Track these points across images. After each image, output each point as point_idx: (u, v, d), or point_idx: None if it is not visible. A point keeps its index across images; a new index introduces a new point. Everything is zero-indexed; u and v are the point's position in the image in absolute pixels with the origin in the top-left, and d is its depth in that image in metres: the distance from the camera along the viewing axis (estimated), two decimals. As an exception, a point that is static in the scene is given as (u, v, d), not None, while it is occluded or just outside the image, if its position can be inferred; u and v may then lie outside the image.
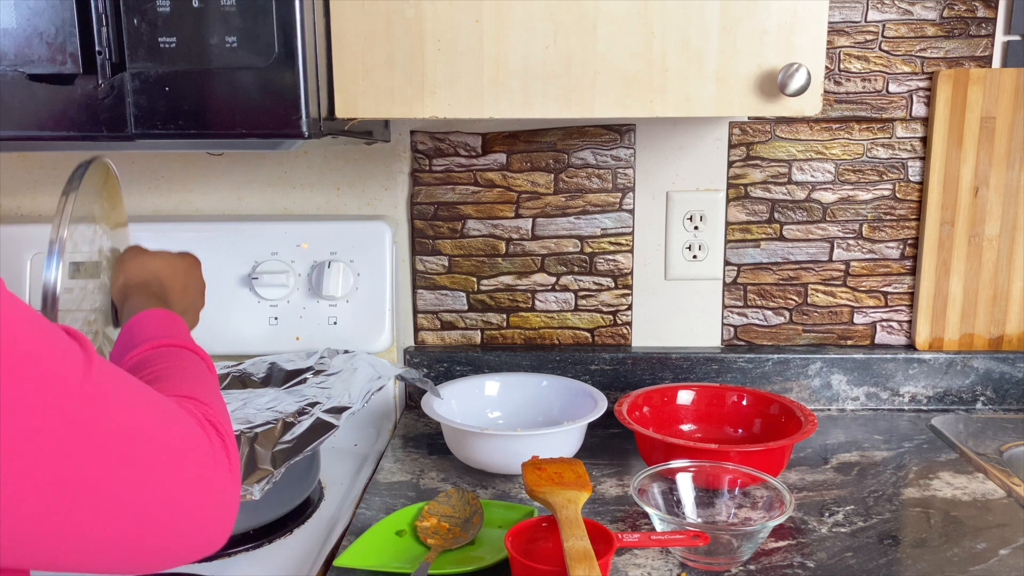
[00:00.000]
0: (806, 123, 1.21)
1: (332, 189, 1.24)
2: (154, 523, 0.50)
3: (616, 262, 1.25)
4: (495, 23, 0.84)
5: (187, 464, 0.52)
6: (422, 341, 1.28)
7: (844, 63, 1.19)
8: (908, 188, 1.22)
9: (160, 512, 0.50)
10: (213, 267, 1.16)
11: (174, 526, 0.52)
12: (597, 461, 1.08)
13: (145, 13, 0.77)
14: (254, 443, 0.86)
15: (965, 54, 1.19)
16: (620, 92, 0.85)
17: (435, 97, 0.86)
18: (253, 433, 0.86)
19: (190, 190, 1.25)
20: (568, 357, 1.25)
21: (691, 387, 1.13)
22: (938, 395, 1.25)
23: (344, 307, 1.16)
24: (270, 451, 0.87)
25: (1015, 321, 1.23)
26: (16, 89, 0.79)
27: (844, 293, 1.26)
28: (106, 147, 0.88)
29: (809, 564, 0.83)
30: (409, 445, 1.15)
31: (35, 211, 1.26)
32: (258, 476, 0.85)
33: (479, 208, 1.24)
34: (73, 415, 0.45)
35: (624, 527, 0.91)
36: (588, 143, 1.22)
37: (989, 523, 0.91)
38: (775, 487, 0.87)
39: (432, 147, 1.22)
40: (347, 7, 0.84)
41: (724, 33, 0.84)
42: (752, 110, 0.86)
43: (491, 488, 1.01)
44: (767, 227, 1.24)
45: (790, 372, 1.24)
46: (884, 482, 1.01)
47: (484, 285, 1.26)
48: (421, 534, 0.88)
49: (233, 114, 0.79)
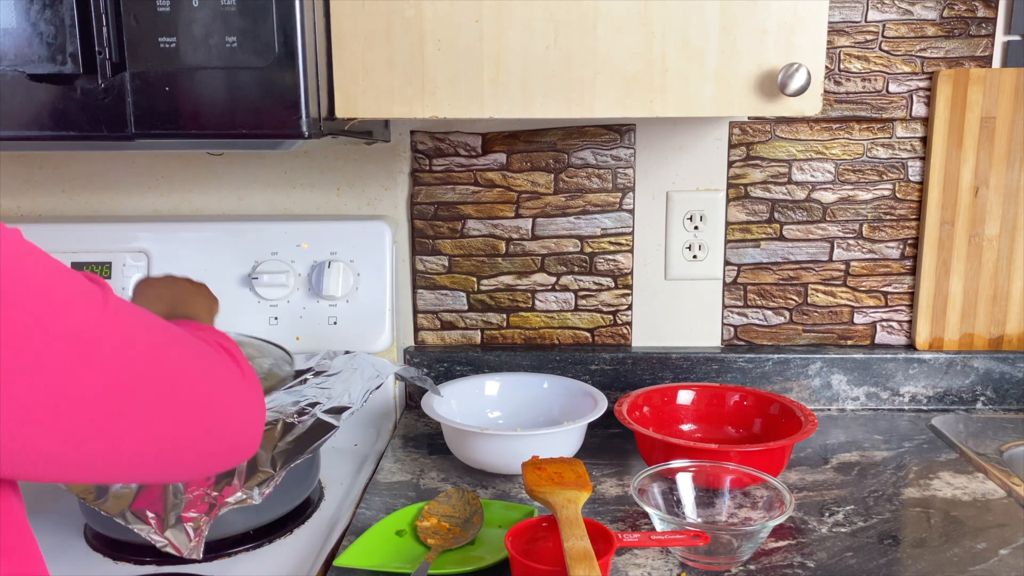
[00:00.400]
0: (806, 123, 1.21)
1: (332, 189, 1.24)
2: (197, 428, 0.56)
3: (616, 262, 1.25)
4: (495, 23, 0.84)
5: (216, 374, 0.59)
6: (422, 341, 1.28)
7: (844, 63, 1.19)
8: (908, 188, 1.22)
9: (201, 417, 0.57)
10: (213, 267, 1.16)
11: (215, 431, 0.58)
12: (597, 461, 1.08)
13: (145, 13, 0.77)
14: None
15: (965, 54, 1.19)
16: (620, 92, 0.85)
17: (435, 97, 0.86)
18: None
19: (190, 190, 1.25)
20: (568, 357, 1.25)
21: (691, 387, 1.13)
22: (938, 395, 1.25)
23: (344, 307, 1.16)
24: (270, 453, 0.87)
25: (1015, 321, 1.23)
26: (16, 89, 0.79)
27: (844, 293, 1.26)
28: (106, 147, 0.88)
29: (809, 564, 0.83)
30: (409, 445, 1.15)
31: (35, 211, 1.26)
32: (259, 479, 0.85)
33: (479, 208, 1.24)
34: (106, 330, 0.49)
35: (624, 527, 0.91)
36: (588, 143, 1.22)
37: (989, 523, 0.91)
38: (775, 487, 0.87)
39: (432, 147, 1.22)
40: (347, 7, 0.84)
41: (724, 33, 0.84)
42: (752, 110, 0.86)
43: (491, 488, 1.01)
44: (767, 227, 1.24)
45: (790, 372, 1.24)
46: (884, 482, 1.01)
47: (484, 285, 1.26)
48: (421, 534, 0.88)
49: (233, 114, 0.79)
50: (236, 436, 0.61)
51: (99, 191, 1.25)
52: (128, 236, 1.17)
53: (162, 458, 0.55)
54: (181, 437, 0.55)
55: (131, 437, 0.51)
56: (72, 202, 1.25)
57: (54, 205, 1.26)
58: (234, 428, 0.60)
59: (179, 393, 0.55)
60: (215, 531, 0.89)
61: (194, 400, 0.56)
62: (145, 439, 0.52)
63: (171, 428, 0.54)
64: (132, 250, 1.17)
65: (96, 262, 1.16)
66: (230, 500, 0.83)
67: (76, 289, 0.49)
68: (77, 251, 1.16)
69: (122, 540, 0.90)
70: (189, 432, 0.56)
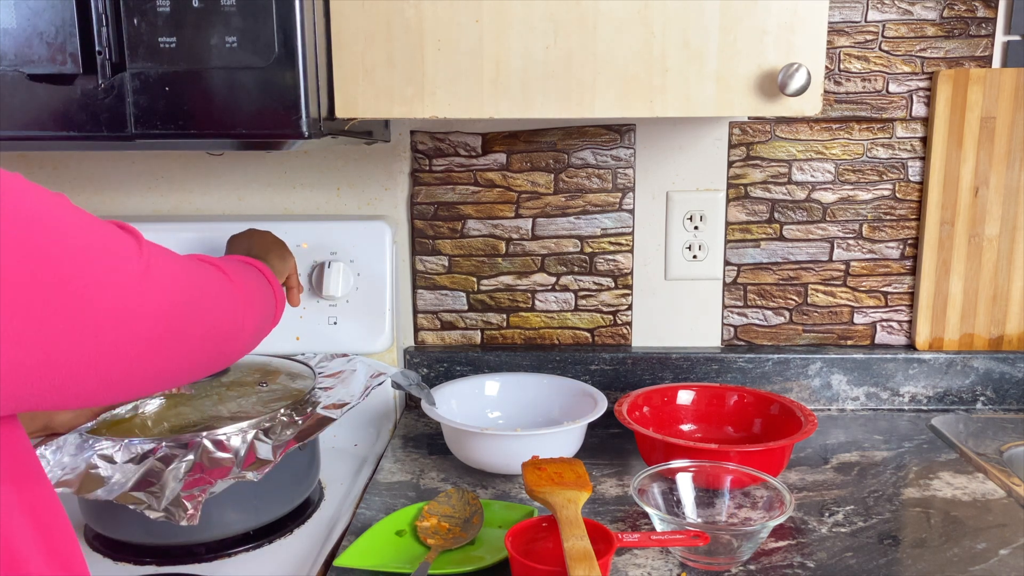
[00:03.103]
0: (806, 123, 1.21)
1: (332, 189, 1.24)
2: (205, 354, 0.65)
3: (616, 262, 1.25)
4: (495, 23, 0.84)
5: (222, 299, 0.67)
6: (422, 341, 1.28)
7: (844, 63, 1.19)
8: (908, 188, 1.22)
9: (209, 343, 0.65)
10: (213, 267, 1.16)
11: (221, 355, 0.69)
12: (597, 461, 1.08)
13: (145, 13, 0.77)
14: (255, 439, 0.86)
15: (965, 54, 1.19)
16: (620, 92, 0.85)
17: (435, 97, 0.86)
18: (253, 430, 0.86)
19: (190, 190, 1.24)
20: (568, 357, 1.25)
21: (691, 387, 1.13)
22: (938, 395, 1.25)
23: (344, 307, 1.16)
24: (270, 445, 0.87)
25: (1015, 321, 1.23)
26: (16, 89, 0.79)
27: (844, 293, 1.26)
28: (106, 147, 0.88)
29: (809, 564, 0.83)
30: (409, 445, 1.15)
31: (35, 211, 1.26)
32: (256, 467, 0.85)
33: (479, 208, 1.24)
34: (144, 282, 0.54)
35: (624, 527, 0.91)
36: (588, 143, 1.22)
37: (989, 523, 0.91)
38: (775, 487, 0.87)
39: (432, 147, 1.22)
40: (347, 7, 0.84)
41: (724, 33, 0.84)
42: (752, 110, 0.86)
43: (491, 488, 1.01)
44: (767, 227, 1.24)
45: (790, 372, 1.24)
46: (884, 482, 1.01)
47: (484, 285, 1.26)
48: (421, 534, 0.88)
49: (233, 114, 0.79)
50: (231, 352, 0.71)
51: (99, 191, 1.25)
52: (128, 236, 1.17)
53: (168, 378, 0.61)
54: (191, 364, 0.63)
55: (149, 368, 0.57)
56: (72, 202, 1.25)
57: (54, 205, 1.25)
58: (232, 348, 0.71)
59: (197, 331, 0.61)
60: (215, 531, 0.89)
61: (206, 333, 0.63)
62: (161, 369, 0.58)
63: (186, 359, 0.61)
64: (132, 250, 1.16)
65: (96, 262, 1.16)
66: (228, 476, 0.83)
67: (110, 241, 0.53)
68: (77, 251, 1.16)
69: (122, 540, 0.90)
70: (199, 359, 0.63)
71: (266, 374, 1.01)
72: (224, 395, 0.94)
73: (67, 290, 0.48)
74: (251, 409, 0.90)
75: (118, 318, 0.52)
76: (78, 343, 0.49)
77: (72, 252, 0.49)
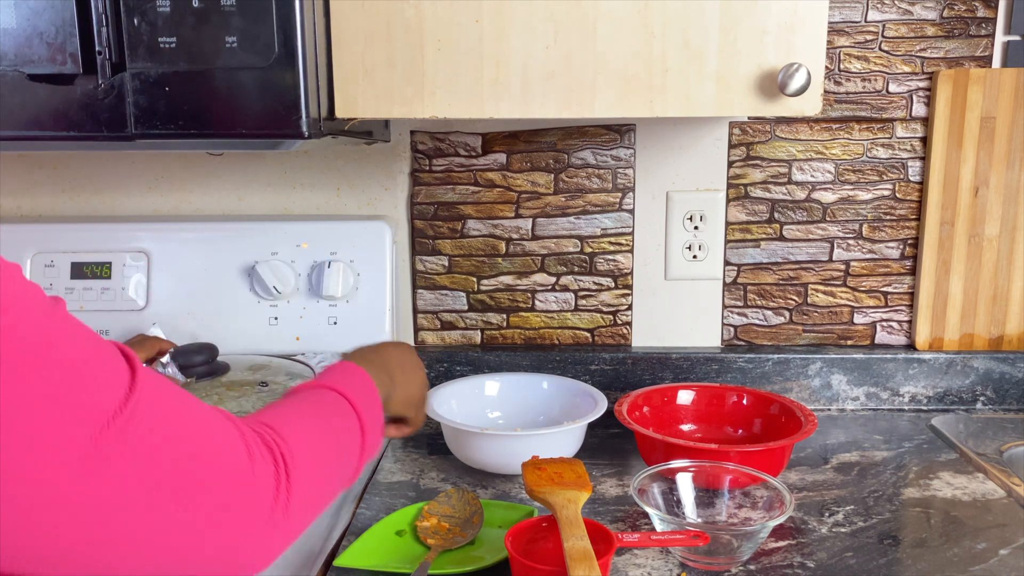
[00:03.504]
0: (806, 123, 1.21)
1: (332, 189, 1.24)
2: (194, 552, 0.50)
3: (616, 262, 1.25)
4: (495, 23, 0.84)
5: (223, 495, 0.51)
6: (422, 341, 1.28)
7: (844, 63, 1.19)
8: (908, 188, 1.22)
9: (203, 537, 0.50)
10: (213, 267, 1.16)
11: (212, 560, 0.51)
12: (597, 461, 1.08)
13: (145, 13, 0.77)
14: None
15: (965, 54, 1.19)
16: (620, 92, 0.85)
17: (435, 97, 0.86)
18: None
19: (190, 190, 1.24)
20: (568, 357, 1.25)
21: (691, 387, 1.13)
22: (938, 395, 1.25)
23: (344, 307, 1.16)
24: None
25: (1015, 321, 1.23)
26: (16, 89, 0.79)
27: (844, 293, 1.26)
28: (106, 147, 0.88)
29: (809, 564, 0.83)
30: (409, 445, 1.15)
31: (35, 211, 1.26)
32: None
33: (479, 208, 1.24)
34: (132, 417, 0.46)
35: (624, 527, 0.91)
36: (588, 143, 1.22)
37: (989, 523, 0.91)
38: (775, 487, 0.87)
39: (432, 147, 1.22)
40: (347, 7, 0.84)
41: (724, 33, 0.84)
42: (752, 110, 0.86)
43: (491, 488, 1.01)
44: (767, 227, 1.24)
45: (790, 372, 1.24)
46: (884, 482, 1.01)
47: (484, 285, 1.26)
48: (421, 534, 0.88)
49: (233, 114, 0.79)
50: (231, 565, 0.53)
51: (99, 191, 1.25)
52: (128, 236, 1.17)
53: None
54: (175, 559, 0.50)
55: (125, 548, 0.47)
56: (72, 202, 1.25)
57: (54, 205, 1.26)
58: (233, 560, 0.53)
59: (185, 508, 0.49)
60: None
61: (198, 520, 0.49)
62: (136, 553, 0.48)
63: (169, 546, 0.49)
64: (132, 250, 1.17)
65: (96, 262, 1.16)
66: None
67: (105, 370, 0.46)
68: (77, 251, 1.17)
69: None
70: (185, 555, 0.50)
71: (266, 374, 1.01)
72: (224, 395, 0.94)
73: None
74: (251, 409, 0.90)
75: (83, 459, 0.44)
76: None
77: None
